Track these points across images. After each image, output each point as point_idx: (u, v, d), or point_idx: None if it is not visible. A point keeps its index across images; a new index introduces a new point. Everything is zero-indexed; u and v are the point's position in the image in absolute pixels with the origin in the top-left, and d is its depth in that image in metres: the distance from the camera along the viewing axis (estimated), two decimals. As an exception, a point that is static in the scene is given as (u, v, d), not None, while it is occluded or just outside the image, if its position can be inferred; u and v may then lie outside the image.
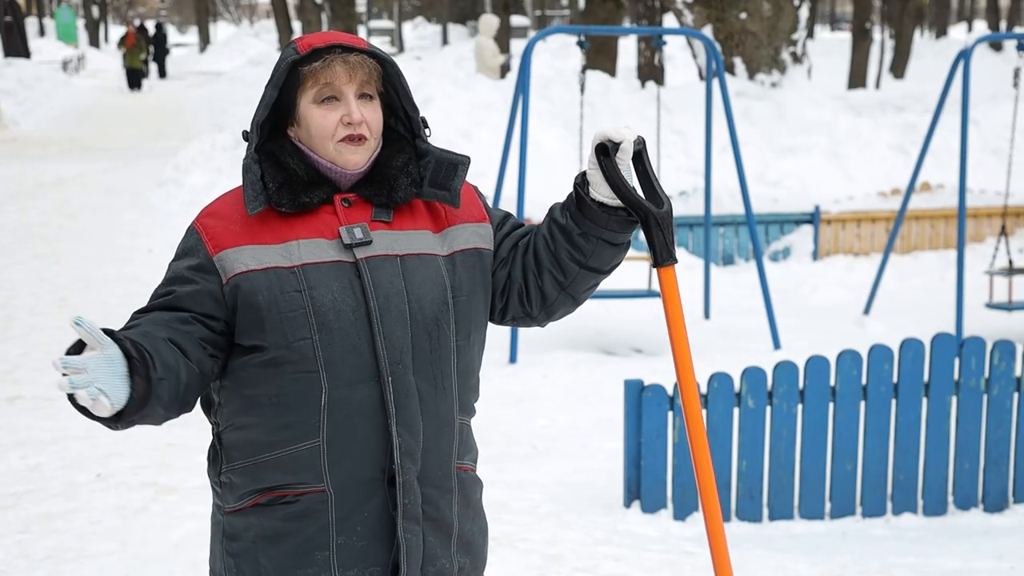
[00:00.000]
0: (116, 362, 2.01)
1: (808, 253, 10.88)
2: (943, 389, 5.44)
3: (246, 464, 2.28)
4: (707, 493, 2.35)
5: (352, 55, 2.24)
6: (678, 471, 5.23)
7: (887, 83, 25.56)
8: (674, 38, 22.53)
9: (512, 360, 7.89)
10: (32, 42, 37.44)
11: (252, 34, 50.07)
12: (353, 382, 2.22)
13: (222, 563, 2.34)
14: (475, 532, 2.40)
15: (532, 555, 4.72)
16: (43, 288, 9.62)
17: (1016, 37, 8.50)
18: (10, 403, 6.84)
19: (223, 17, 71.94)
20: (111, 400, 1.99)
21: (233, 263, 2.23)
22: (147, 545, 4.81)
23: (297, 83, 2.26)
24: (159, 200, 13.16)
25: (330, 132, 2.25)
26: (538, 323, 2.44)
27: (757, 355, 7.93)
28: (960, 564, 4.82)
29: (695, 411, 2.35)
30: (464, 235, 2.35)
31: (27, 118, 23.03)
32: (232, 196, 2.33)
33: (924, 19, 42.64)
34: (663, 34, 9.76)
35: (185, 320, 2.21)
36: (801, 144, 11.82)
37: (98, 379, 1.98)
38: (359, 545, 2.26)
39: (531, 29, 39.82)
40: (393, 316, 2.23)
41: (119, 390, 2.01)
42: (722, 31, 12.74)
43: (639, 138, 2.26)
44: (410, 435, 2.24)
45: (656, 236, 2.26)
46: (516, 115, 8.17)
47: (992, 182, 11.62)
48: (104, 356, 2.00)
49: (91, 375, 1.98)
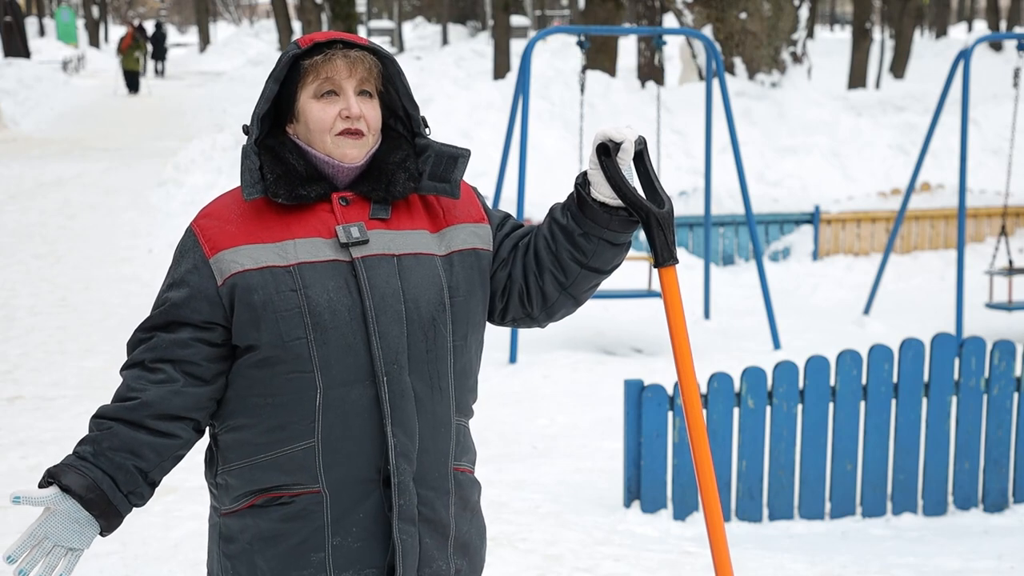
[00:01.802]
0: (72, 512, 2.14)
1: (808, 253, 10.88)
2: (943, 389, 5.44)
3: (242, 465, 2.28)
4: (707, 493, 2.35)
5: (353, 51, 2.25)
6: (678, 471, 5.23)
7: (887, 83, 25.56)
8: (674, 38, 22.53)
9: (512, 360, 7.89)
10: (32, 42, 37.44)
11: (252, 34, 50.04)
12: (348, 382, 2.21)
13: (219, 565, 2.34)
14: (472, 534, 2.39)
15: (532, 555, 4.72)
16: (43, 288, 9.62)
17: (1016, 37, 8.50)
18: (10, 403, 6.84)
19: (223, 17, 71.92)
20: (80, 547, 2.14)
21: (229, 264, 2.23)
22: (147, 545, 4.81)
23: (298, 77, 2.26)
24: (159, 200, 13.16)
25: (328, 125, 2.25)
26: (539, 324, 2.44)
27: (757, 355, 7.93)
28: (960, 564, 4.82)
29: (695, 411, 2.35)
30: (462, 235, 2.34)
31: (27, 118, 23.03)
32: (229, 197, 2.33)
33: (924, 19, 42.63)
34: (663, 34, 9.75)
35: (184, 343, 2.23)
36: (801, 144, 11.82)
37: (60, 537, 2.13)
38: (355, 546, 2.25)
39: (531, 29, 39.80)
40: (389, 316, 2.22)
41: (85, 532, 2.15)
42: (722, 31, 12.74)
43: (640, 138, 2.26)
44: (405, 436, 2.24)
45: (657, 236, 2.25)
46: (516, 115, 8.18)
47: (992, 182, 11.61)
48: (58, 514, 2.13)
49: (51, 539, 2.12)
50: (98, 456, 2.16)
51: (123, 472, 2.16)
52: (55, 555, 2.12)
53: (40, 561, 2.11)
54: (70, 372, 7.41)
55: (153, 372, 2.22)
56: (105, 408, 2.22)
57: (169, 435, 2.21)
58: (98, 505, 2.14)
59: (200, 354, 2.23)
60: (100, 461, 2.16)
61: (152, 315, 2.27)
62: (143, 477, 2.19)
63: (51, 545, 2.11)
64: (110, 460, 2.16)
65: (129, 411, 2.19)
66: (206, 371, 2.24)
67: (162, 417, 2.20)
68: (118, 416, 2.19)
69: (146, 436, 2.19)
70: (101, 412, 2.21)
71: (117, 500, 2.16)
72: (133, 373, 2.24)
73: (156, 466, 2.21)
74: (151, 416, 2.19)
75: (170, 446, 2.22)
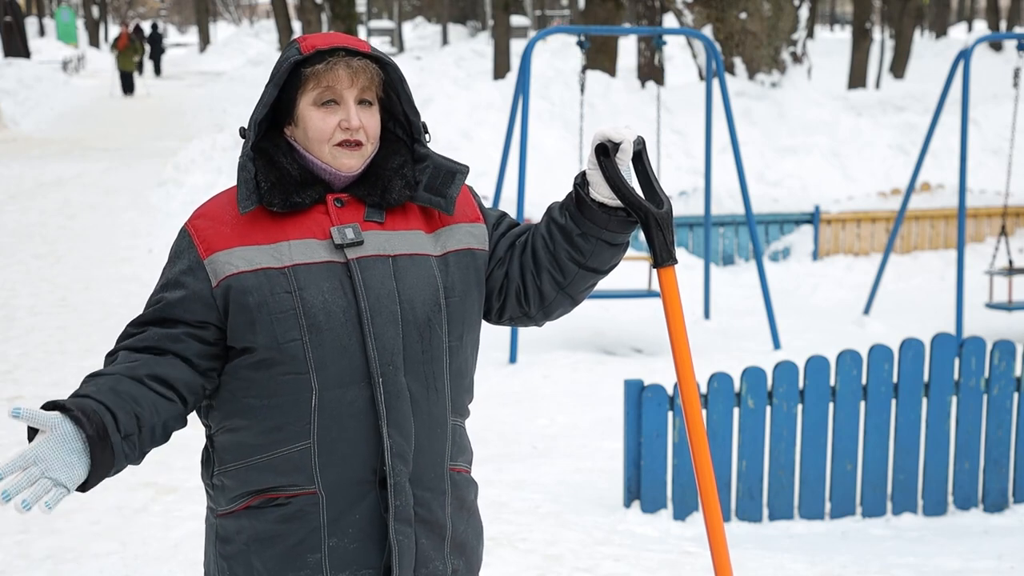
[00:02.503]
0: (69, 439, 2.03)
1: (808, 253, 10.88)
2: (943, 389, 5.44)
3: (238, 466, 2.28)
4: (707, 493, 2.35)
5: (356, 59, 2.23)
6: (678, 471, 5.23)
7: (887, 83, 25.56)
8: (674, 38, 22.53)
9: (512, 360, 7.89)
10: (32, 42, 37.45)
11: (252, 34, 50.06)
12: (344, 383, 2.21)
13: (215, 565, 2.34)
14: (469, 534, 2.39)
15: (532, 555, 4.72)
16: (43, 288, 9.62)
17: (1016, 37, 8.50)
18: (10, 403, 6.84)
19: (223, 17, 71.92)
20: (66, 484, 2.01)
21: (224, 265, 2.22)
22: (147, 545, 4.81)
23: (298, 83, 2.25)
24: (159, 200, 13.17)
25: (327, 135, 2.24)
26: (535, 323, 2.44)
27: (757, 355, 7.93)
28: (960, 564, 4.82)
29: (695, 411, 2.35)
30: (457, 235, 2.34)
31: (27, 118, 23.04)
32: (224, 197, 2.32)
33: (924, 19, 42.63)
34: (663, 34, 9.75)
35: (176, 338, 2.21)
36: (801, 144, 11.82)
37: (50, 467, 2.00)
38: (351, 547, 2.25)
39: (531, 29, 39.80)
40: (384, 317, 2.22)
41: (75, 468, 2.03)
42: (722, 31, 12.74)
43: (639, 138, 2.26)
44: (401, 436, 2.23)
45: (656, 236, 2.25)
46: (516, 115, 8.18)
47: (992, 182, 11.62)
48: (55, 437, 2.02)
49: (40, 466, 2.00)
50: (100, 393, 2.11)
51: (123, 413, 2.10)
52: (40, 486, 2.00)
53: (26, 489, 1.99)
54: (70, 372, 7.41)
55: (148, 353, 2.20)
56: (101, 369, 2.19)
57: (166, 397, 2.17)
58: (97, 436, 2.05)
59: (191, 349, 2.22)
60: (102, 397, 2.10)
61: (145, 312, 2.26)
62: (139, 427, 2.12)
63: (39, 473, 2.00)
64: (112, 399, 2.10)
65: (128, 369, 2.16)
66: (197, 365, 2.23)
67: (160, 380, 2.17)
68: (116, 371, 2.16)
69: (146, 390, 2.15)
70: (97, 372, 2.18)
71: (115, 439, 2.08)
72: (125, 353, 2.21)
73: (150, 423, 2.14)
74: (150, 376, 2.16)
75: (166, 408, 2.17)
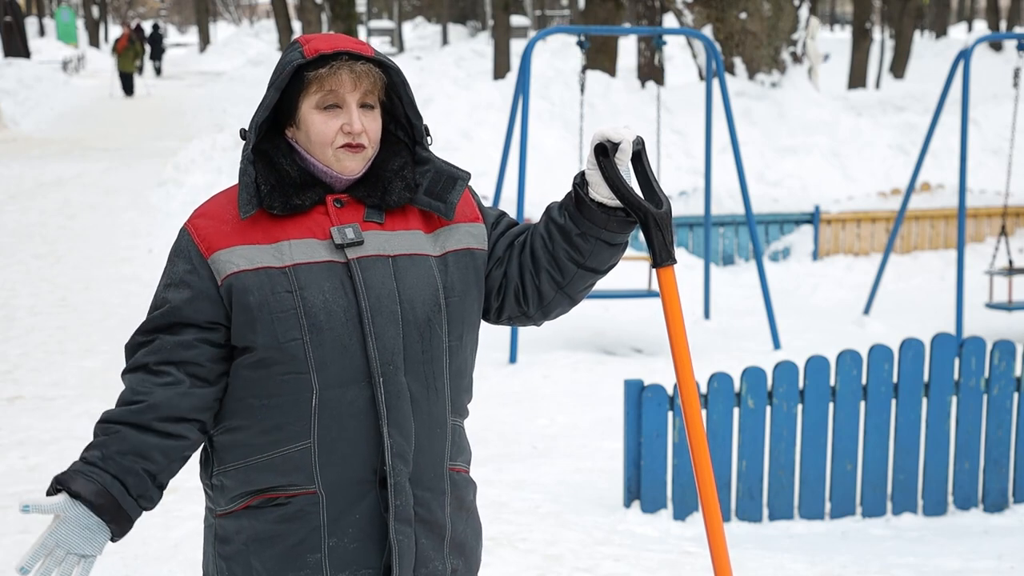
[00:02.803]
0: (83, 517, 2.13)
1: (808, 253, 10.88)
2: (943, 389, 5.44)
3: (238, 466, 2.28)
4: (707, 493, 2.35)
5: (359, 64, 2.24)
6: (678, 471, 5.23)
7: (887, 83, 25.56)
8: (674, 38, 22.54)
9: (512, 360, 7.89)
10: (32, 42, 37.43)
11: (252, 34, 50.06)
12: (344, 383, 2.21)
13: (214, 565, 2.34)
14: (468, 534, 2.40)
15: (532, 555, 4.72)
16: (43, 288, 9.62)
17: (1016, 37, 8.50)
18: (10, 403, 6.84)
19: (223, 17, 71.91)
20: (93, 554, 2.13)
21: (225, 264, 2.22)
22: (147, 545, 4.81)
23: (300, 86, 2.25)
24: (159, 200, 13.17)
25: (330, 139, 2.24)
26: (534, 322, 2.44)
27: (757, 355, 7.93)
28: (960, 564, 4.82)
29: (694, 411, 2.35)
30: (456, 235, 2.34)
31: (27, 118, 23.04)
32: (224, 196, 2.32)
33: (924, 19, 42.62)
34: (663, 34, 9.75)
35: (188, 345, 2.22)
36: (801, 144, 11.82)
37: (72, 545, 2.11)
38: (351, 547, 2.25)
39: (531, 29, 39.79)
40: (384, 317, 2.22)
41: (97, 537, 2.13)
42: (722, 31, 12.74)
43: (638, 138, 2.26)
44: (401, 436, 2.24)
45: (655, 236, 2.26)
46: (516, 115, 8.18)
47: (992, 182, 11.61)
48: (68, 520, 2.12)
49: (62, 547, 2.11)
50: (106, 460, 2.15)
51: (132, 475, 2.15)
52: (68, 563, 2.11)
53: (54, 570, 2.10)
54: (70, 372, 7.41)
55: (158, 375, 2.21)
56: (110, 412, 2.21)
57: (176, 436, 2.20)
58: (108, 510, 2.13)
59: (204, 355, 2.22)
60: (109, 465, 2.15)
61: (152, 317, 2.25)
62: (152, 480, 2.18)
63: (64, 553, 2.11)
64: (118, 464, 2.15)
65: (136, 414, 2.18)
66: (210, 372, 2.23)
67: (169, 419, 2.19)
68: (124, 420, 2.18)
69: (154, 439, 2.18)
70: (107, 416, 2.20)
71: (127, 504, 2.15)
72: (137, 377, 2.22)
73: (164, 468, 2.20)
74: (158, 419, 2.18)
75: (178, 447, 2.21)
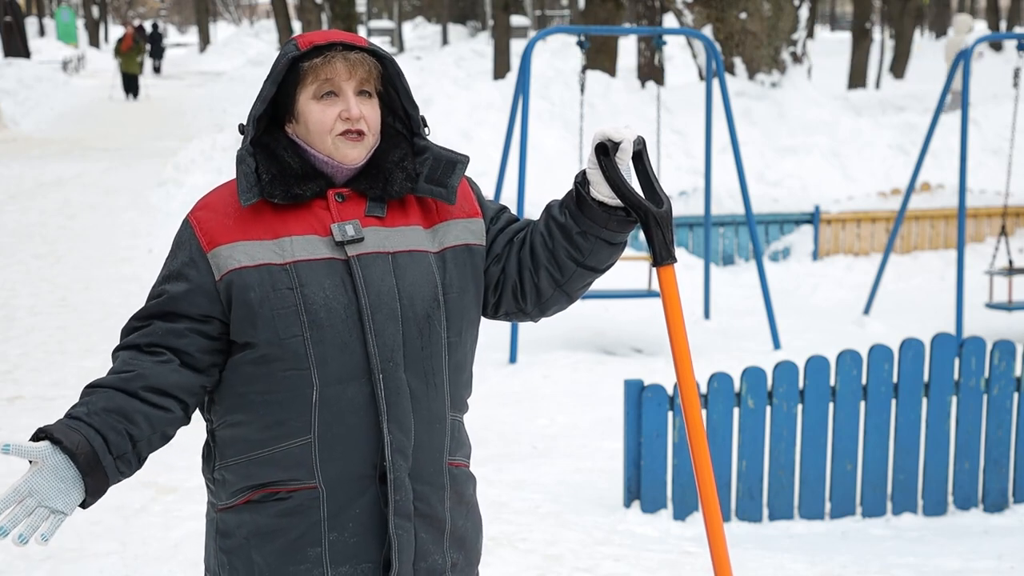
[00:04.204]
0: (61, 467, 2.10)
1: (808, 253, 10.88)
2: (943, 389, 5.44)
3: (239, 461, 2.29)
4: (706, 494, 2.35)
5: (353, 53, 2.25)
6: (678, 471, 5.23)
7: (887, 83, 25.56)
8: (674, 38, 22.54)
9: (512, 360, 7.89)
10: (32, 42, 37.44)
11: (252, 34, 50.05)
12: (344, 379, 2.23)
13: (215, 560, 2.35)
14: (468, 528, 2.41)
15: (532, 555, 4.72)
16: (43, 288, 9.62)
17: (1016, 37, 8.50)
18: (10, 403, 6.84)
19: (223, 17, 71.92)
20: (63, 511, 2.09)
21: (226, 260, 2.24)
22: (147, 545, 4.81)
23: (297, 79, 2.26)
24: (159, 200, 13.17)
25: (328, 127, 2.26)
26: (531, 319, 2.45)
27: (757, 355, 7.93)
28: (960, 564, 4.82)
29: (694, 411, 2.35)
30: (455, 231, 2.35)
31: (27, 118, 23.04)
32: (226, 189, 2.33)
33: (924, 19, 42.63)
34: (663, 34, 9.75)
35: (179, 333, 2.23)
36: (801, 144, 11.82)
37: (44, 496, 2.07)
38: (351, 541, 2.27)
39: (531, 29, 39.79)
40: (384, 313, 2.24)
41: (70, 493, 2.10)
42: (722, 31, 12.74)
43: (639, 138, 2.27)
44: (401, 432, 2.25)
45: (656, 235, 2.26)
46: (516, 115, 8.18)
47: (992, 182, 11.61)
48: (46, 468, 2.08)
49: (35, 497, 2.07)
50: (91, 416, 2.15)
51: (115, 433, 2.15)
52: (37, 515, 2.07)
53: (23, 520, 2.06)
54: (70, 372, 7.41)
55: (150, 354, 2.23)
56: (99, 379, 2.22)
57: (161, 408, 2.20)
58: (87, 463, 2.11)
59: (195, 345, 2.24)
60: (93, 420, 2.15)
61: (148, 305, 2.27)
62: (132, 444, 2.17)
63: (35, 503, 2.06)
64: (103, 420, 2.15)
65: (124, 381, 2.19)
66: (200, 361, 2.25)
67: (156, 390, 2.20)
68: (112, 384, 2.19)
69: (139, 404, 2.18)
70: (95, 382, 2.21)
71: (106, 461, 2.14)
72: (128, 352, 2.24)
73: (146, 437, 2.19)
74: (145, 388, 2.19)
75: (162, 418, 2.21)
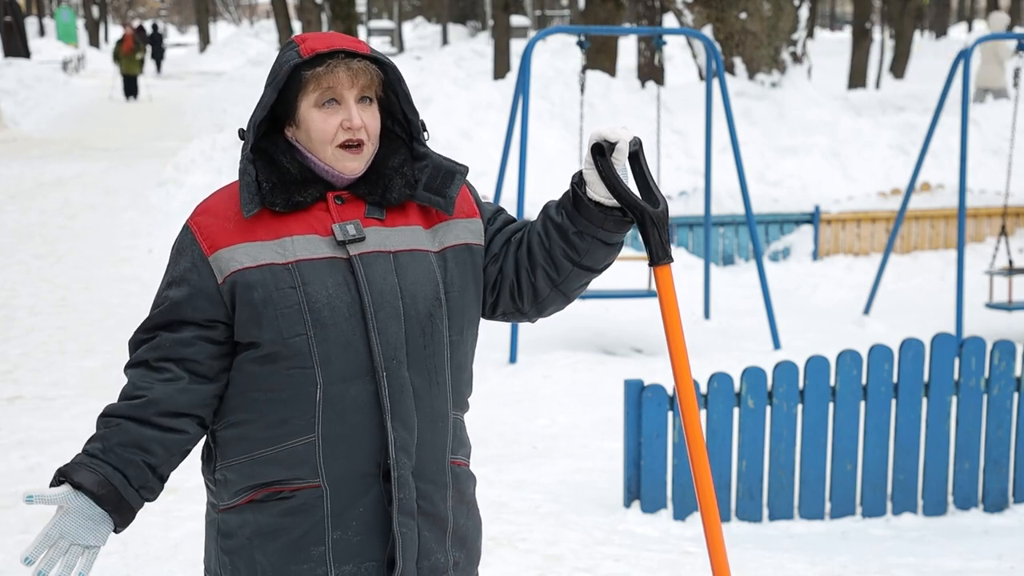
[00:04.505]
0: (86, 508, 2.17)
1: (808, 253, 10.88)
2: (943, 389, 5.44)
3: (242, 460, 2.30)
4: (704, 494, 2.35)
5: (355, 61, 2.26)
6: (678, 471, 5.23)
7: (887, 83, 25.54)
8: (674, 38, 22.54)
9: (512, 360, 7.89)
10: (32, 42, 37.44)
11: (252, 34, 50.06)
12: (348, 378, 2.24)
13: (217, 561, 2.35)
14: (469, 527, 2.42)
15: (532, 555, 4.72)
16: (43, 288, 9.62)
17: (1016, 37, 8.50)
18: (10, 403, 6.84)
19: (223, 17, 71.93)
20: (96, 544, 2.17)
21: (228, 262, 2.25)
22: (147, 545, 4.81)
23: (298, 85, 2.27)
24: (159, 200, 13.17)
25: (330, 136, 2.26)
26: (528, 319, 2.47)
27: (757, 355, 7.93)
28: (960, 564, 4.82)
29: (692, 411, 2.35)
30: (455, 231, 2.37)
31: (27, 118, 23.04)
32: (227, 192, 2.34)
33: (924, 19, 42.62)
34: (663, 34, 9.75)
35: (187, 343, 2.25)
36: (801, 144, 11.82)
37: (75, 536, 2.15)
38: (355, 540, 2.28)
39: (531, 29, 39.79)
40: (387, 312, 2.25)
41: (100, 528, 2.18)
42: (722, 31, 12.74)
43: (635, 139, 2.28)
44: (405, 430, 2.26)
45: (652, 235, 2.28)
46: (516, 115, 8.17)
47: (992, 182, 11.61)
48: (72, 511, 2.16)
49: (66, 538, 2.15)
50: (107, 452, 2.20)
51: (133, 467, 2.20)
52: (72, 554, 2.15)
53: (58, 561, 2.15)
54: (70, 372, 7.41)
55: (158, 371, 2.25)
56: (112, 407, 2.26)
57: (176, 431, 2.24)
58: (110, 500, 2.18)
59: (203, 352, 2.26)
60: (110, 457, 2.20)
61: (153, 314, 2.29)
62: (152, 472, 2.23)
63: (67, 544, 2.15)
64: (119, 456, 2.20)
65: (136, 408, 2.23)
66: (209, 369, 2.27)
67: (168, 414, 2.23)
68: (125, 414, 2.23)
69: (153, 432, 2.22)
70: (108, 411, 2.25)
71: (129, 495, 2.20)
72: (138, 372, 2.27)
73: (164, 461, 2.24)
74: (157, 413, 2.23)
75: (177, 441, 2.25)
